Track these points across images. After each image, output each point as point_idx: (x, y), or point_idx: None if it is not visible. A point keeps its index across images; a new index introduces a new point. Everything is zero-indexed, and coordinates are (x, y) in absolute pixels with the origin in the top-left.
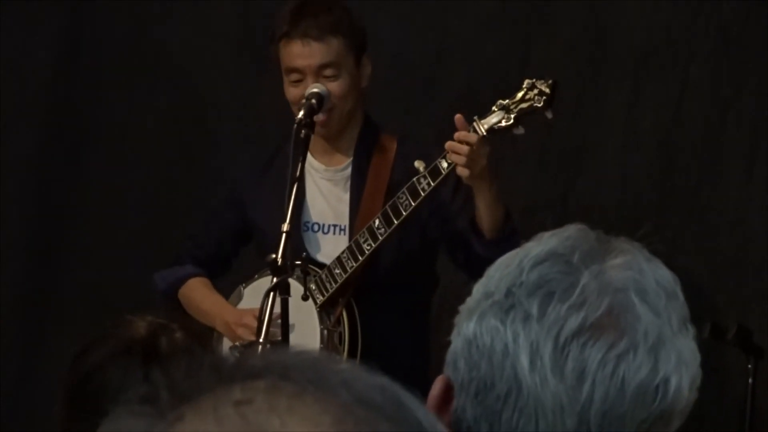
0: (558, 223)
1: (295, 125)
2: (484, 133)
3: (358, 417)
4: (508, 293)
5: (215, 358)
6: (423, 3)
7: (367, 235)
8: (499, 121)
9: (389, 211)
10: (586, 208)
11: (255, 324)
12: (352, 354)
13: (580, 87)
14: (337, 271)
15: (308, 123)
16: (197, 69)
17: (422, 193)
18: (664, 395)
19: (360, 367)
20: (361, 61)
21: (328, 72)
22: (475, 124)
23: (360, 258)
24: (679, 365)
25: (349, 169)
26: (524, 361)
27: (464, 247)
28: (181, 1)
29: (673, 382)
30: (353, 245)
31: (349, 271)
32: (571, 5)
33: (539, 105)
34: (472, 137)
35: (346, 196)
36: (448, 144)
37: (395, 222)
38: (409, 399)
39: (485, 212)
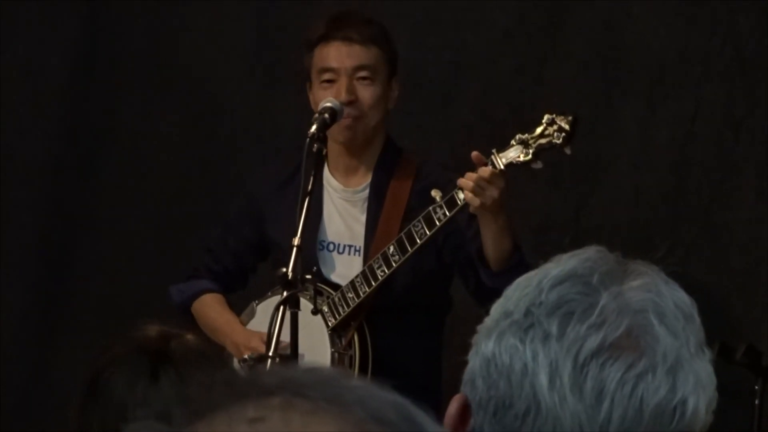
0: (571, 240)
1: (308, 139)
2: (503, 167)
3: None
4: (528, 313)
5: (229, 375)
6: (439, 19)
7: (381, 261)
8: (518, 156)
9: (404, 238)
10: (599, 225)
11: (262, 348)
12: (362, 376)
13: (594, 104)
14: (350, 294)
15: (321, 137)
16: (213, 78)
17: (438, 223)
18: (682, 416)
19: (373, 384)
20: (391, 81)
21: (363, 74)
22: (493, 157)
23: (373, 284)
24: (696, 387)
25: (368, 191)
26: (543, 379)
27: (474, 274)
28: (198, 10)
29: (691, 403)
30: (367, 270)
31: (362, 296)
32: (586, 23)
33: (558, 141)
34: (487, 171)
35: (363, 218)
36: (461, 181)
37: (410, 250)
38: (421, 416)
39: (491, 243)
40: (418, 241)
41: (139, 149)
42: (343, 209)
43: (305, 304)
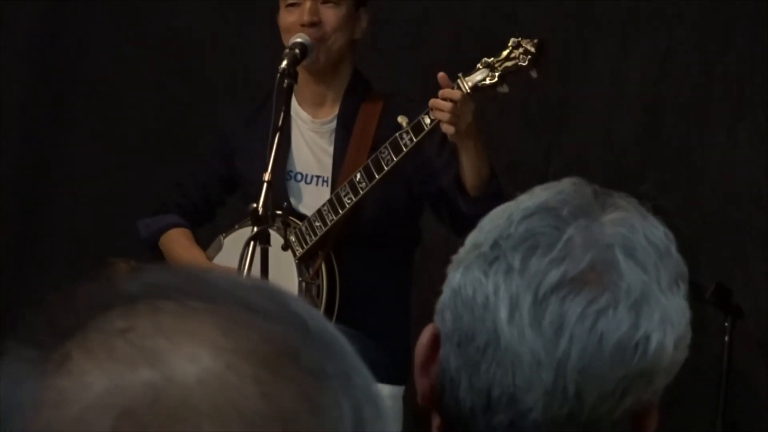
0: (540, 180)
1: (278, 74)
2: (468, 91)
3: (242, 322)
4: (495, 245)
5: (88, 288)
6: None
7: (348, 189)
8: (484, 79)
9: (371, 165)
10: (569, 165)
11: None
12: (329, 306)
13: (566, 44)
14: (317, 223)
15: (291, 73)
16: (184, 16)
17: (404, 149)
18: (644, 352)
19: (235, 274)
20: (359, 10)
21: None
22: (459, 81)
23: (340, 211)
24: (662, 323)
25: (335, 122)
26: (503, 313)
27: (449, 205)
28: None
29: (655, 339)
30: (334, 198)
31: (329, 224)
32: None
33: (524, 64)
34: (456, 94)
35: (331, 149)
36: (432, 101)
37: (376, 177)
38: (288, 296)
39: (470, 170)
40: (385, 167)
41: (111, 89)
42: (311, 140)
43: (276, 238)
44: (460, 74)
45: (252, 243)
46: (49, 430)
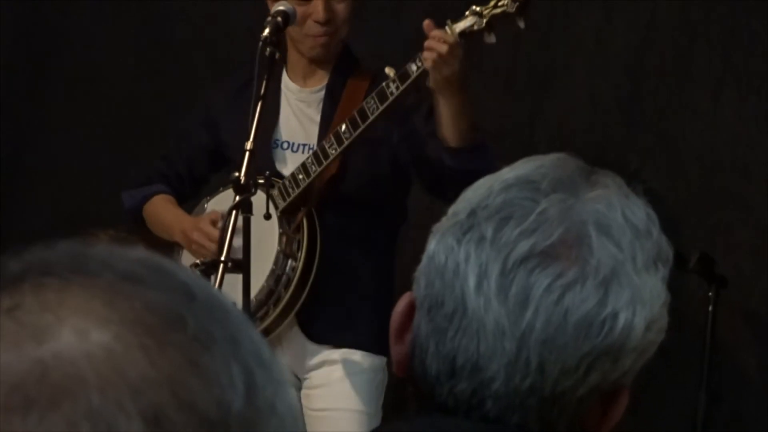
0: (525, 146)
1: (260, 42)
2: (456, 37)
3: (125, 293)
4: (471, 214)
5: None
6: None
7: (333, 140)
8: (471, 25)
9: (356, 116)
10: (553, 132)
11: (209, 228)
12: (309, 260)
13: (549, 10)
14: (301, 176)
15: (273, 41)
16: None
17: (390, 97)
18: (611, 330)
19: (117, 245)
20: None
21: None
22: (447, 27)
23: (323, 161)
24: (632, 302)
25: (323, 92)
26: (471, 282)
27: (432, 169)
28: None
29: (622, 317)
30: (318, 150)
31: (312, 175)
32: None
33: (512, 11)
34: (449, 37)
35: (318, 117)
36: (427, 42)
37: (361, 125)
38: (170, 264)
39: (449, 121)
40: (370, 115)
41: (90, 55)
42: (298, 110)
43: (260, 196)
44: (448, 21)
45: (234, 212)
46: None
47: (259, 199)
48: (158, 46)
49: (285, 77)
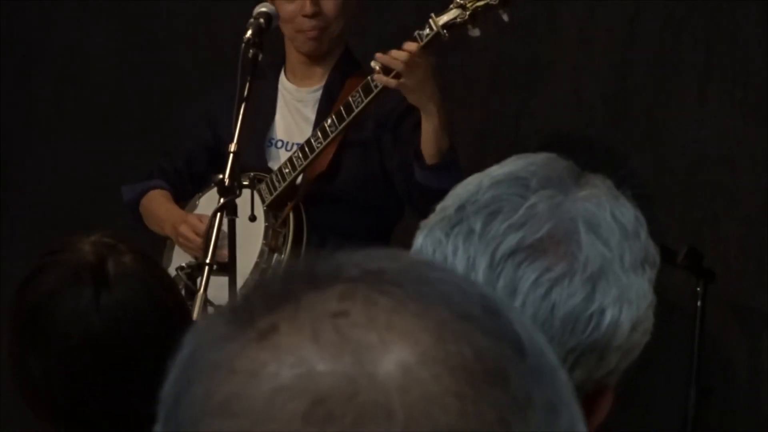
0: (511, 144)
1: (243, 44)
2: (439, 29)
3: (456, 333)
4: (460, 208)
5: (309, 264)
6: None
7: (318, 134)
8: (455, 18)
9: (342, 109)
10: (539, 128)
11: (195, 221)
12: (294, 255)
13: (532, 5)
14: (287, 170)
15: (256, 42)
16: None
17: (374, 90)
18: (597, 326)
19: (458, 274)
20: None
21: None
22: (431, 20)
23: (309, 155)
24: (619, 300)
25: (320, 92)
26: None
27: (406, 176)
28: None
29: (609, 315)
30: (305, 144)
31: (298, 168)
32: None
33: (495, 3)
34: (411, 46)
35: (313, 117)
36: (378, 55)
37: (346, 118)
38: (507, 309)
39: (430, 137)
40: (355, 108)
41: (75, 57)
42: (294, 109)
43: (246, 194)
44: (432, 14)
45: (219, 214)
46: (236, 398)
47: (245, 197)
48: (145, 47)
49: (282, 77)
